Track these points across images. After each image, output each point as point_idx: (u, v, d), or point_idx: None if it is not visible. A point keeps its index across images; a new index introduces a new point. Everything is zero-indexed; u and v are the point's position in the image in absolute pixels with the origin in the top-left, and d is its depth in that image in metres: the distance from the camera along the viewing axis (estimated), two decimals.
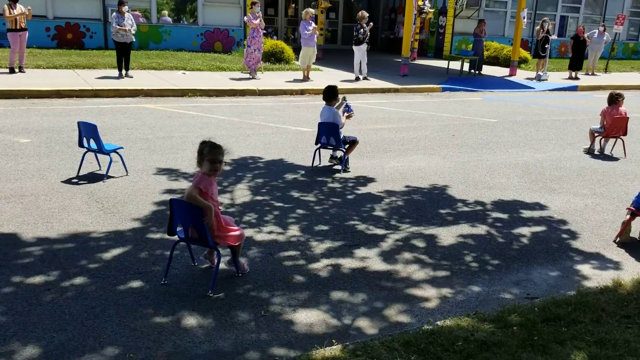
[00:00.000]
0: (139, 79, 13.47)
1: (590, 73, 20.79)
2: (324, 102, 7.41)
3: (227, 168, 7.11)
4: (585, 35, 19.50)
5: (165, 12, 20.34)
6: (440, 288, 4.32)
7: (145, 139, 8.40)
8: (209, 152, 3.97)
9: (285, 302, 4.00)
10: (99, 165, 6.79)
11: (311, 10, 15.19)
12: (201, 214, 3.88)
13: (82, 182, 6.33)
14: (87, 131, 6.38)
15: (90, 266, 4.36)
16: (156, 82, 13.25)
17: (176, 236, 4.17)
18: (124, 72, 13.55)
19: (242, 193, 6.27)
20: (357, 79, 15.53)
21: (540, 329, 3.32)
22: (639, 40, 30.25)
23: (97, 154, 6.68)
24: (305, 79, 15.04)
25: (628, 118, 8.71)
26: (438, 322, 3.56)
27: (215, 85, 13.37)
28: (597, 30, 20.37)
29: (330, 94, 7.30)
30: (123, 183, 6.35)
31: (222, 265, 4.30)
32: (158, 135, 8.64)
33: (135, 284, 4.13)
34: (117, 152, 6.60)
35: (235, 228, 4.22)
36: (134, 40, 13.57)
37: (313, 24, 14.97)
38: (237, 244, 4.19)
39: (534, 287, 4.42)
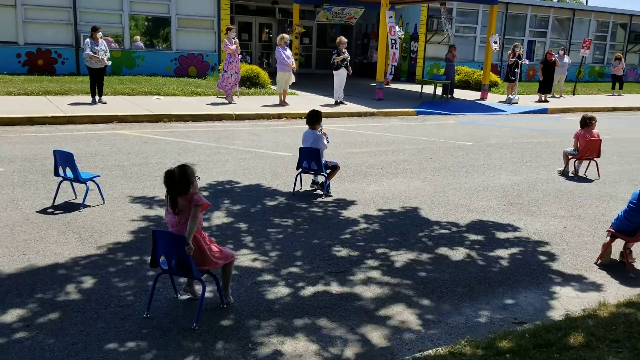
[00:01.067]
0: (113, 104, 13.32)
1: (557, 96, 21.32)
2: (306, 127, 7.40)
3: (206, 194, 7.02)
4: (554, 59, 20.05)
5: (137, 37, 20.27)
6: (428, 314, 4.28)
7: (121, 165, 8.26)
8: (192, 174, 3.98)
9: (272, 332, 3.92)
10: (75, 194, 6.63)
11: (286, 35, 15.31)
12: (185, 245, 3.79)
13: (58, 212, 6.17)
14: (63, 160, 6.24)
15: (70, 299, 4.22)
16: (130, 107, 13.12)
17: (159, 267, 4.07)
18: (97, 97, 13.40)
19: (220, 220, 6.18)
20: (337, 103, 15.63)
21: (533, 355, 3.31)
22: (604, 63, 31.21)
23: (73, 183, 6.52)
24: (282, 103, 15.09)
25: (601, 140, 8.90)
26: (430, 351, 3.52)
27: (191, 110, 13.29)
28: (557, 54, 20.95)
29: (314, 118, 7.31)
30: (100, 212, 6.21)
31: (207, 295, 4.20)
32: (134, 162, 8.51)
33: (117, 318, 3.99)
34: (94, 181, 6.46)
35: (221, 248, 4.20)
36: (108, 65, 13.46)
37: (288, 50, 15.09)
38: (229, 262, 4.15)
39: (520, 311, 4.42)
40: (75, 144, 9.46)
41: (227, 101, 14.75)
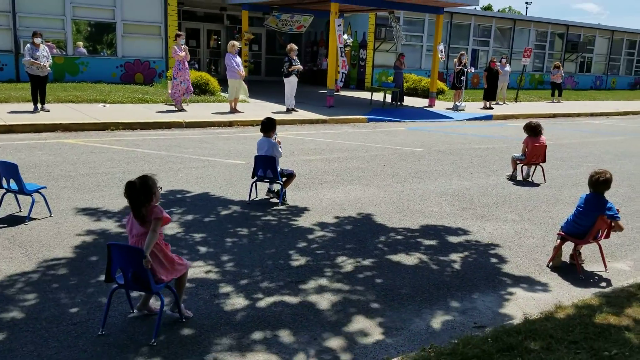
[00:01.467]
0: (56, 112, 12.85)
1: (501, 103, 22.01)
2: (259, 134, 7.33)
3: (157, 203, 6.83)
4: (497, 67, 20.71)
5: (80, 43, 19.67)
6: (389, 321, 4.29)
7: (68, 176, 7.95)
8: (154, 184, 3.89)
9: (233, 346, 3.82)
10: (20, 207, 6.33)
11: (236, 43, 15.19)
12: (142, 258, 3.66)
13: (2, 225, 5.86)
14: (7, 171, 5.94)
15: (18, 318, 3.99)
16: (75, 115, 12.68)
17: (115, 282, 3.91)
18: (39, 105, 12.89)
19: (174, 230, 6.02)
20: (289, 110, 15.60)
21: (497, 359, 3.35)
22: (544, 71, 32.47)
23: (18, 195, 6.22)
24: (233, 111, 14.94)
25: (546, 146, 9.21)
26: (396, 359, 3.51)
27: (139, 117, 12.97)
28: (499, 63, 21.69)
29: (269, 125, 7.24)
30: (47, 225, 5.93)
31: (166, 310, 4.06)
32: (81, 172, 8.20)
33: (70, 336, 3.81)
34: (40, 192, 6.17)
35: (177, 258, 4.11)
36: (50, 71, 12.97)
37: (238, 57, 14.97)
38: (184, 273, 4.07)
39: (479, 315, 4.49)
40: (17, 154, 9.05)
41: (176, 109, 14.46)
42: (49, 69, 12.79)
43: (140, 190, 3.78)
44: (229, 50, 14.83)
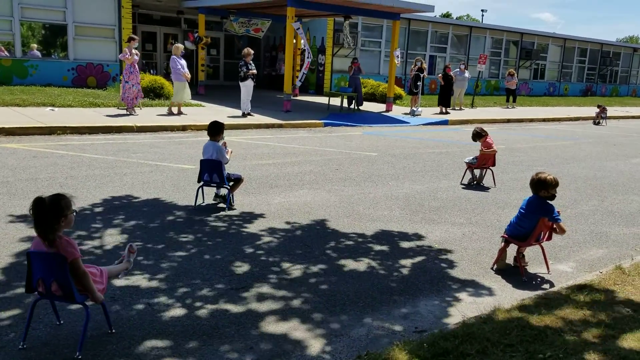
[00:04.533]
0: (0, 116, 12.34)
1: (457, 108, 22.32)
2: (208, 138, 7.17)
3: (99, 209, 6.60)
4: (452, 73, 21.00)
5: (34, 45, 19.05)
6: (330, 328, 4.19)
7: (5, 182, 7.60)
8: (66, 206, 3.48)
9: (165, 358, 3.66)
10: None
11: (181, 45, 15.15)
12: (65, 267, 3.46)
13: None
14: None
15: None
16: (20, 119, 12.23)
17: (36, 293, 3.69)
18: None
19: (113, 238, 5.80)
20: (244, 114, 15.46)
21: None
22: (499, 77, 33.12)
23: None
24: (179, 113, 14.85)
25: (496, 150, 9.31)
26: None
27: (88, 121, 12.59)
28: (459, 69, 22.05)
29: (215, 129, 7.08)
30: None
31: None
32: (20, 178, 7.86)
33: None
34: None
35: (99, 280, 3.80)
36: None
37: (183, 60, 14.88)
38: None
39: (421, 319, 4.44)
40: None
41: (128, 113, 14.14)
42: None
43: (49, 210, 3.38)
44: (174, 53, 14.80)
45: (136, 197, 7.35)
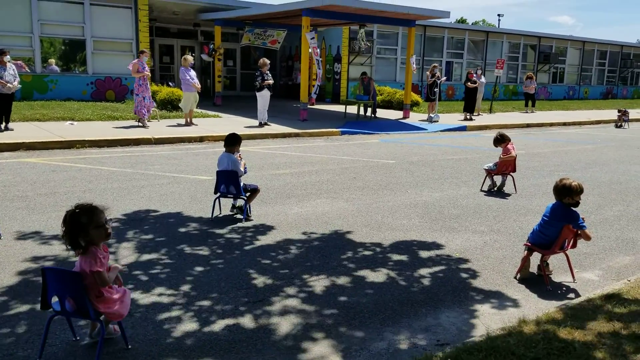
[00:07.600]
0: (21, 131, 12.52)
1: (476, 114, 22.09)
2: (224, 149, 7.15)
3: (116, 224, 6.59)
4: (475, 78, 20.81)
5: (52, 60, 19.33)
6: (349, 342, 4.09)
7: (24, 196, 7.65)
8: (93, 218, 3.48)
9: None
10: None
11: (189, 57, 15.40)
12: (80, 283, 3.42)
13: None
14: None
15: None
16: (40, 134, 12.36)
17: (51, 309, 3.66)
18: (3, 125, 12.55)
19: (129, 251, 5.77)
20: (261, 124, 15.53)
21: None
22: (517, 82, 32.79)
23: None
24: (189, 124, 15.04)
25: (516, 156, 9.15)
26: None
27: (107, 135, 12.69)
28: (476, 74, 21.84)
29: (232, 140, 7.06)
30: None
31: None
32: (39, 192, 7.91)
33: None
34: None
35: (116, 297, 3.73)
36: (19, 88, 12.72)
37: (192, 71, 15.12)
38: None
39: (443, 332, 4.31)
40: None
41: (141, 125, 14.30)
42: (17, 85, 12.52)
43: (70, 224, 3.46)
44: (183, 64, 15.21)
45: (154, 209, 7.34)
